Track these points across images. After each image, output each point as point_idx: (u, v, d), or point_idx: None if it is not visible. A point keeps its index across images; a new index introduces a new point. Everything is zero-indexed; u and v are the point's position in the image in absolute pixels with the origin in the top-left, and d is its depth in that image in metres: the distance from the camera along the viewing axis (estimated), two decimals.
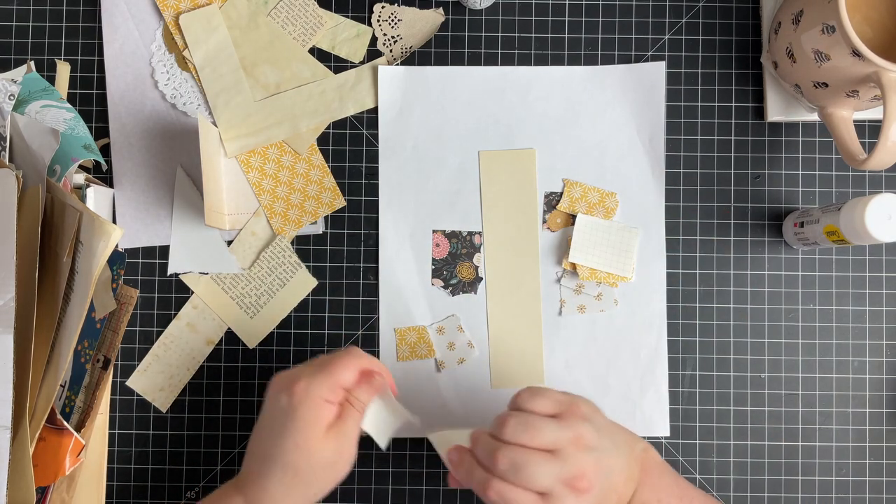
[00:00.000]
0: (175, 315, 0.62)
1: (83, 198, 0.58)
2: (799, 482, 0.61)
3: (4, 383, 0.50)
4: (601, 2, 0.63)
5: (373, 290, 0.62)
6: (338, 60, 0.63)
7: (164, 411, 0.61)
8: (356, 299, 0.62)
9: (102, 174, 0.62)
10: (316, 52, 0.63)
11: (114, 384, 0.61)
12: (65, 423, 0.54)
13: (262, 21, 0.62)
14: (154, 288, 0.62)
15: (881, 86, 0.49)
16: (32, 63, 0.61)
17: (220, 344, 0.62)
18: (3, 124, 0.57)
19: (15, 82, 0.59)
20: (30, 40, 0.63)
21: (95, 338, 0.59)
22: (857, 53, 0.49)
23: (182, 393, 0.62)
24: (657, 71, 0.62)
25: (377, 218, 0.62)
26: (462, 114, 0.62)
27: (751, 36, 0.63)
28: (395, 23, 0.63)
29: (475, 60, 0.63)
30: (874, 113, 0.60)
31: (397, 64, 0.63)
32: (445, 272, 0.62)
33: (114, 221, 0.62)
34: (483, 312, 0.61)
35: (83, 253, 0.53)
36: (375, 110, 0.62)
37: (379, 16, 0.63)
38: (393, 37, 0.63)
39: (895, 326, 0.62)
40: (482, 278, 0.62)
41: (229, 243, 0.62)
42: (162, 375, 0.61)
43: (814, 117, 0.61)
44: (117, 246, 0.60)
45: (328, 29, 0.63)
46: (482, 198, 0.62)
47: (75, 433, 0.55)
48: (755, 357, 0.61)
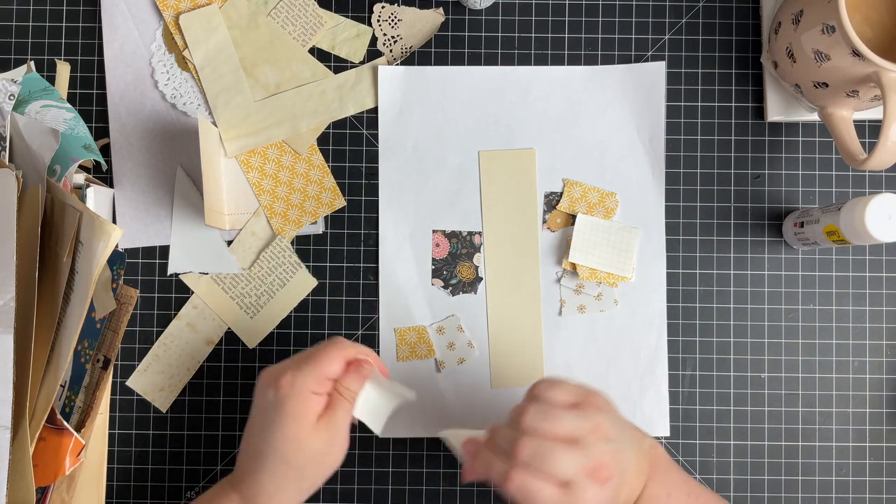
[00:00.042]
0: (175, 315, 0.62)
1: (83, 198, 0.58)
2: (799, 482, 0.61)
3: (4, 383, 0.50)
4: (601, 2, 0.63)
5: (373, 290, 0.62)
6: (338, 60, 0.63)
7: (164, 411, 0.61)
8: (356, 299, 0.62)
9: (102, 174, 0.62)
10: (316, 52, 0.63)
11: (114, 384, 0.61)
12: (65, 423, 0.54)
13: (262, 21, 0.62)
14: (154, 288, 0.62)
15: (881, 86, 0.49)
16: (32, 63, 0.61)
17: (220, 344, 0.62)
18: (3, 124, 0.57)
19: (15, 82, 0.59)
20: (30, 40, 0.63)
21: (95, 338, 0.59)
22: (857, 53, 0.49)
23: (182, 393, 0.62)
24: (657, 71, 0.62)
25: (377, 218, 0.62)
26: (462, 114, 0.62)
27: (751, 36, 0.63)
28: (395, 23, 0.63)
29: (475, 60, 0.63)
30: (874, 113, 0.60)
31: (397, 64, 0.63)
32: (445, 272, 0.62)
33: (114, 221, 0.62)
34: (483, 312, 0.61)
35: (83, 253, 0.53)
36: (375, 110, 0.62)
37: (379, 16, 0.63)
38: (393, 37, 0.63)
39: (895, 326, 0.62)
40: (482, 278, 0.62)
41: (229, 243, 0.62)
42: (162, 375, 0.61)
43: (814, 117, 0.61)
44: (117, 246, 0.60)
45: (328, 29, 0.63)
46: (482, 198, 0.62)
47: (75, 433, 0.55)
48: (755, 357, 0.61)
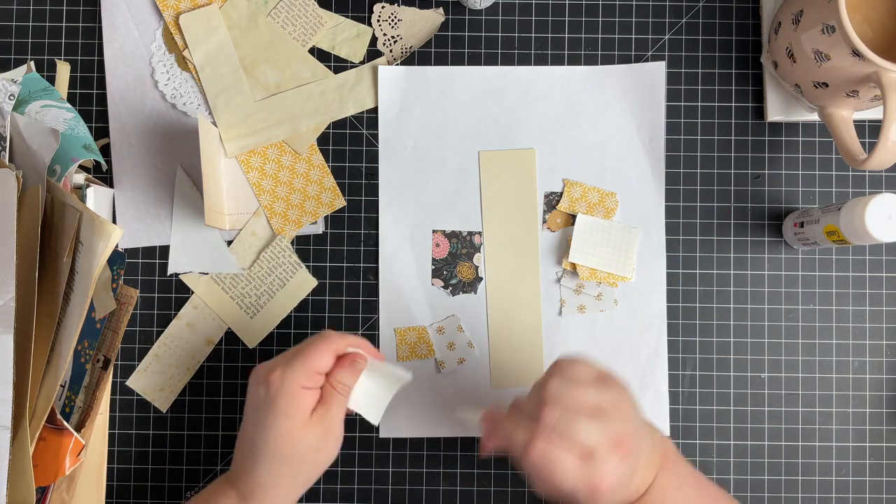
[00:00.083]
0: (175, 315, 0.62)
1: (83, 198, 0.58)
2: (799, 482, 0.61)
3: (4, 383, 0.50)
4: (601, 2, 0.63)
5: (373, 290, 0.62)
6: (338, 60, 0.63)
7: (164, 411, 0.61)
8: (356, 299, 0.62)
9: (102, 174, 0.62)
10: (316, 52, 0.63)
11: (114, 384, 0.61)
12: (65, 423, 0.54)
13: (262, 21, 0.62)
14: (154, 288, 0.62)
15: (881, 86, 0.49)
16: (32, 63, 0.61)
17: (220, 344, 0.62)
18: (3, 124, 0.57)
19: (15, 82, 0.59)
20: (30, 40, 0.63)
21: (95, 338, 0.59)
22: (857, 53, 0.49)
23: (182, 393, 0.62)
24: (657, 71, 0.62)
25: (377, 218, 0.62)
26: (462, 114, 0.62)
27: (751, 36, 0.63)
28: (395, 23, 0.63)
29: (475, 60, 0.63)
30: (874, 113, 0.60)
31: (397, 64, 0.62)
32: (445, 272, 0.62)
33: (114, 221, 0.62)
34: (483, 312, 0.61)
35: (83, 253, 0.53)
36: (375, 110, 0.62)
37: (379, 16, 0.63)
38: (393, 37, 0.63)
39: (895, 326, 0.62)
40: (482, 278, 0.62)
41: (229, 243, 0.62)
42: (162, 375, 0.61)
43: (814, 117, 0.61)
44: (117, 246, 0.60)
45: (328, 29, 0.63)
46: (482, 198, 0.62)
47: (75, 433, 0.55)
48: (755, 357, 0.61)
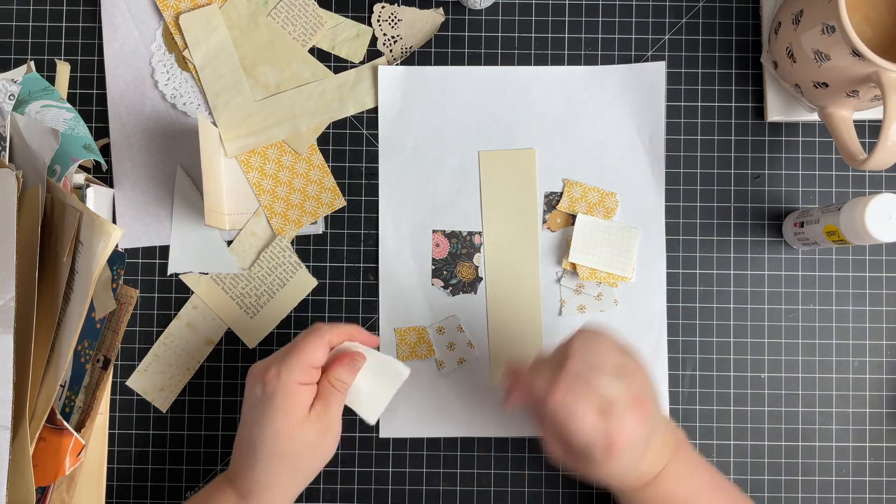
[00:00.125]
0: (175, 315, 0.62)
1: (83, 198, 0.58)
2: (799, 482, 0.61)
3: (4, 383, 0.50)
4: (601, 2, 0.63)
5: (373, 290, 0.62)
6: (338, 60, 0.63)
7: (164, 411, 0.61)
8: (356, 299, 0.62)
9: (102, 174, 0.62)
10: (316, 52, 0.63)
11: (114, 384, 0.61)
12: (65, 423, 0.54)
13: (262, 21, 0.62)
14: (154, 288, 0.62)
15: (881, 86, 0.49)
16: (32, 63, 0.61)
17: (220, 344, 0.62)
18: (3, 124, 0.57)
19: (15, 82, 0.59)
20: (30, 40, 0.63)
21: (95, 338, 0.59)
22: (857, 53, 0.49)
23: (182, 393, 0.62)
24: (657, 71, 0.62)
25: (377, 218, 0.62)
26: (462, 114, 0.62)
27: (751, 36, 0.63)
28: (395, 23, 0.63)
29: (475, 60, 0.63)
30: (874, 113, 0.60)
31: (397, 64, 0.62)
32: (445, 272, 0.62)
33: (114, 221, 0.62)
34: (483, 312, 0.61)
35: (83, 253, 0.53)
36: (375, 110, 0.62)
37: (379, 16, 0.63)
38: (393, 37, 0.63)
39: (895, 326, 0.62)
40: (482, 278, 0.62)
41: (229, 243, 0.62)
42: (162, 375, 0.61)
43: (814, 117, 0.61)
44: (117, 246, 0.60)
45: (328, 29, 0.63)
46: (482, 198, 0.62)
47: (75, 433, 0.55)
48: (755, 357, 0.61)
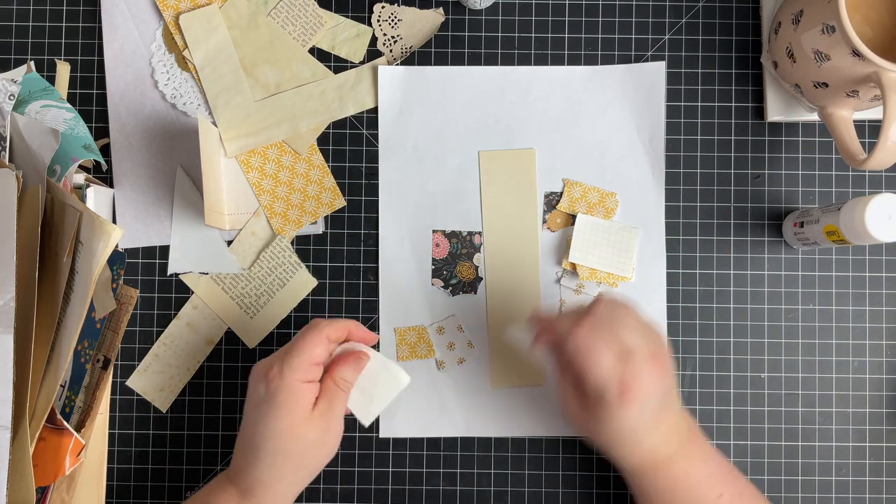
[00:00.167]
0: (175, 315, 0.62)
1: (83, 198, 0.58)
2: (799, 482, 0.61)
3: (4, 383, 0.50)
4: (601, 2, 0.63)
5: (373, 290, 0.62)
6: (338, 60, 0.63)
7: (164, 411, 0.61)
8: (356, 299, 0.62)
9: (102, 174, 0.62)
10: (316, 52, 0.63)
11: (114, 384, 0.61)
12: (65, 423, 0.54)
13: (262, 21, 0.62)
14: (154, 288, 0.62)
15: (881, 86, 0.49)
16: (32, 63, 0.61)
17: (220, 344, 0.62)
18: (3, 124, 0.57)
19: (15, 82, 0.59)
20: (30, 40, 0.63)
21: (95, 338, 0.59)
22: (857, 53, 0.49)
23: (182, 393, 0.62)
24: (657, 71, 0.62)
25: (377, 218, 0.62)
26: (462, 114, 0.62)
27: (751, 36, 0.63)
28: (395, 23, 0.63)
29: (475, 60, 0.63)
30: (874, 113, 0.60)
31: (397, 64, 0.62)
32: (445, 272, 0.62)
33: (114, 221, 0.62)
34: (483, 312, 0.61)
35: (83, 253, 0.53)
36: (375, 110, 0.62)
37: (379, 16, 0.63)
38: (393, 37, 0.63)
39: (895, 326, 0.62)
40: (482, 278, 0.62)
41: (229, 243, 0.62)
42: (162, 375, 0.61)
43: (814, 117, 0.61)
44: (117, 246, 0.60)
45: (328, 29, 0.63)
46: (482, 198, 0.62)
47: (75, 433, 0.55)
48: (755, 357, 0.61)
